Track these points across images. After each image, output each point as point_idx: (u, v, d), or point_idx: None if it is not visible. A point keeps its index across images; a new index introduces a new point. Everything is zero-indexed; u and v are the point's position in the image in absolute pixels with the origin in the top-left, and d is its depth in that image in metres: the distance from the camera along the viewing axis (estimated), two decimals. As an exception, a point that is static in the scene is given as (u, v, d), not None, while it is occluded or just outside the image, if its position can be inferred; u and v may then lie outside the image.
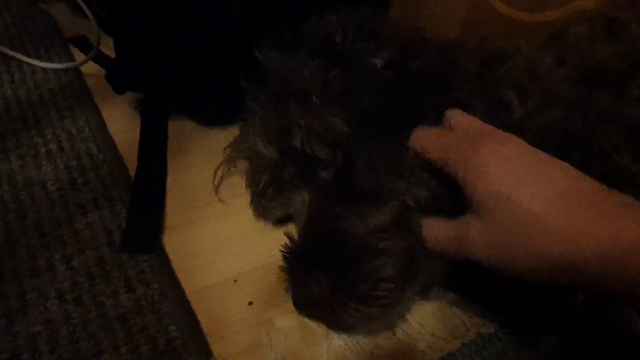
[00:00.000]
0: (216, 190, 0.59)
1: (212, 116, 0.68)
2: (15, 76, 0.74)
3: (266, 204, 0.53)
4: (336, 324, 0.46)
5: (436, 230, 0.43)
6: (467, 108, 0.46)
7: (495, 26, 0.61)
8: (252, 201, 0.56)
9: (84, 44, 0.77)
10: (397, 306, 0.47)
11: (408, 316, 0.49)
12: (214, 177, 0.59)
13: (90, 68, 0.73)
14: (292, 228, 0.54)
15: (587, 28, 0.53)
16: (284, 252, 0.47)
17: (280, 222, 0.56)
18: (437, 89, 0.47)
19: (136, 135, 0.64)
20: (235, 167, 0.60)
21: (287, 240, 0.48)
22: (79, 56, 0.76)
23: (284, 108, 0.49)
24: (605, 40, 0.51)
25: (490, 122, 0.45)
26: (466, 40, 0.54)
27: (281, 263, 0.48)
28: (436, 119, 0.45)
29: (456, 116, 0.44)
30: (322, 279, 0.43)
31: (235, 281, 0.51)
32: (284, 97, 0.49)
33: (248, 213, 0.57)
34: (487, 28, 0.60)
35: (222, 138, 0.61)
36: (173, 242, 0.54)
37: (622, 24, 0.53)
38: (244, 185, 0.58)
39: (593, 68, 0.49)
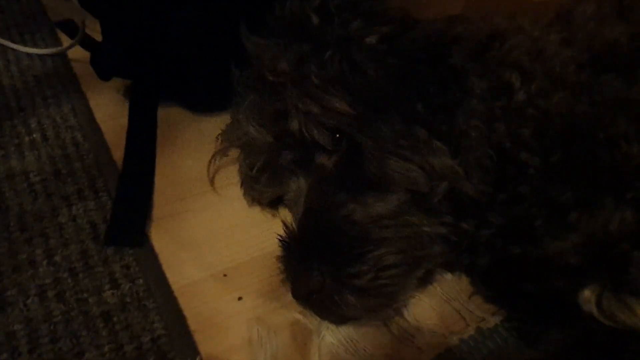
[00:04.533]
0: (212, 182, 0.57)
1: (202, 103, 0.66)
2: (-1, 63, 0.71)
3: (259, 189, 0.52)
4: (336, 315, 0.44)
5: None
6: (464, 76, 0.44)
7: (500, 4, 0.58)
8: (244, 185, 0.54)
9: (71, 28, 0.75)
10: (401, 296, 0.45)
11: (404, 311, 0.47)
12: (209, 169, 0.56)
13: (77, 53, 0.71)
14: (285, 214, 0.52)
15: (595, 7, 0.51)
16: (282, 240, 0.45)
17: (271, 204, 0.54)
18: (435, 58, 0.45)
19: (124, 122, 0.62)
20: (227, 155, 0.58)
21: (284, 229, 0.45)
22: (66, 41, 0.74)
23: (279, 90, 0.46)
24: (614, 21, 0.49)
25: (489, 105, 0.43)
26: (470, 19, 0.52)
27: (277, 253, 0.46)
28: (438, 89, 0.43)
29: None
30: (323, 269, 0.41)
31: (225, 275, 0.50)
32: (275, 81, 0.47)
33: (239, 204, 0.55)
34: (492, 6, 0.58)
35: (213, 126, 0.59)
36: (160, 235, 0.52)
37: (632, 3, 0.50)
38: (234, 174, 0.56)
39: (601, 50, 0.46)
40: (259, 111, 0.48)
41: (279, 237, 0.45)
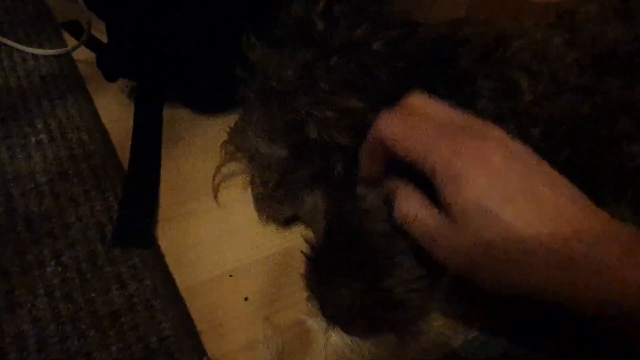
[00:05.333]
0: (216, 194, 0.56)
1: (208, 104, 0.66)
2: (5, 63, 0.72)
3: (275, 206, 0.50)
4: (368, 331, 0.43)
5: (415, 208, 0.38)
6: (472, 79, 0.43)
7: (503, 7, 0.58)
8: (259, 203, 0.52)
9: (76, 29, 0.75)
10: (431, 307, 0.44)
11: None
12: (214, 180, 0.55)
13: (83, 54, 0.71)
14: (299, 229, 0.52)
15: (598, 8, 0.51)
16: (306, 258, 0.43)
17: (287, 222, 0.53)
18: (443, 60, 0.44)
19: (130, 124, 0.62)
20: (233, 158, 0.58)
21: (307, 245, 0.44)
22: (72, 42, 0.74)
23: (290, 101, 0.45)
24: (617, 22, 0.49)
25: (499, 105, 0.43)
26: (475, 21, 0.52)
27: (282, 254, 0.46)
28: (447, 91, 0.42)
29: (421, 104, 0.38)
30: (353, 285, 0.40)
31: (231, 276, 0.50)
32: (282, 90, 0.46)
33: (244, 205, 0.55)
34: (495, 9, 0.58)
35: (219, 127, 0.58)
36: (166, 236, 0.53)
37: (636, 4, 0.50)
38: (239, 175, 0.56)
39: (603, 51, 0.46)
40: (270, 125, 0.47)
41: (302, 253, 0.44)
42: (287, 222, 0.53)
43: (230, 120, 0.57)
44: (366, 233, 0.41)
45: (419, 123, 0.36)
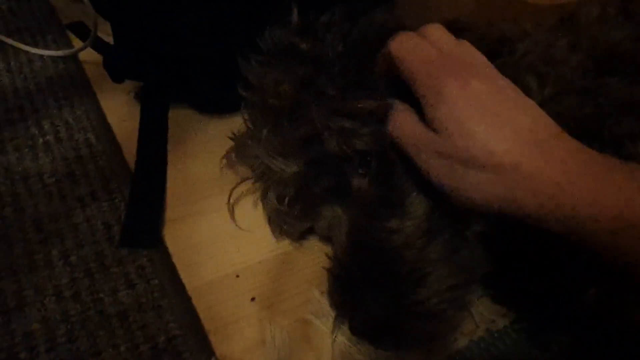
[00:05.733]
0: (232, 215, 0.54)
1: (213, 104, 0.66)
2: (12, 64, 0.72)
3: (293, 223, 0.50)
4: (399, 346, 0.43)
5: (406, 122, 0.40)
6: None
7: (504, 10, 0.58)
8: (274, 220, 0.51)
9: (81, 30, 0.75)
10: (461, 317, 0.43)
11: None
12: (229, 199, 0.54)
13: (89, 55, 0.71)
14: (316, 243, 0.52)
15: (600, 10, 0.51)
16: (332, 274, 0.43)
17: (302, 236, 0.53)
18: None
19: (136, 124, 0.62)
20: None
21: (330, 263, 0.44)
22: (77, 43, 0.74)
23: (302, 115, 0.45)
24: (618, 23, 0.49)
25: None
26: (477, 24, 0.52)
27: (290, 254, 0.46)
28: None
29: (435, 32, 0.41)
30: (383, 300, 0.39)
31: (238, 276, 0.50)
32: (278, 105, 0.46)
33: (251, 205, 0.55)
34: (497, 12, 0.58)
35: (224, 127, 0.59)
36: (174, 236, 0.53)
37: (637, 4, 0.50)
38: (246, 175, 0.56)
39: (605, 53, 0.46)
40: (282, 141, 0.46)
41: (325, 269, 0.44)
42: (302, 236, 0.52)
43: (235, 121, 0.57)
44: (394, 246, 0.41)
45: (425, 48, 0.40)
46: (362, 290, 0.40)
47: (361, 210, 0.43)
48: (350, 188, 0.45)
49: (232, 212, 0.54)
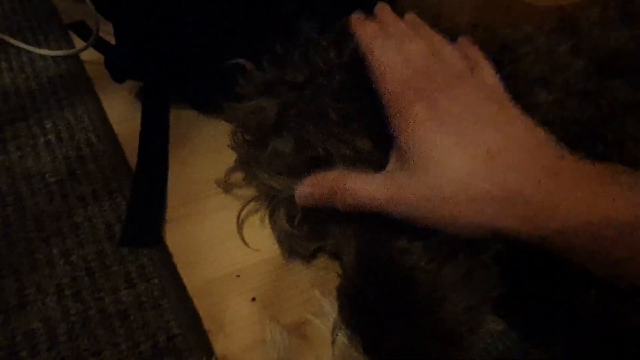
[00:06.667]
0: (242, 237, 0.53)
1: (214, 104, 0.66)
2: (13, 64, 0.72)
3: (303, 243, 0.49)
4: None
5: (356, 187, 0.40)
6: None
7: (504, 13, 0.58)
8: (284, 241, 0.51)
9: (83, 30, 0.75)
10: (479, 338, 0.42)
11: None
12: (238, 219, 0.53)
13: (90, 55, 0.72)
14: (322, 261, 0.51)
15: (600, 12, 0.51)
16: (343, 294, 0.42)
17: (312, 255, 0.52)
18: None
19: (137, 124, 0.62)
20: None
21: (340, 280, 0.43)
22: (79, 43, 0.74)
23: (304, 135, 0.45)
24: (620, 25, 0.49)
25: None
26: (477, 28, 0.52)
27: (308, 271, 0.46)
28: None
29: (384, 12, 0.42)
30: (399, 323, 0.38)
31: (238, 276, 0.50)
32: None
33: (251, 205, 0.55)
34: (499, 14, 0.58)
35: (225, 127, 0.58)
36: (174, 236, 0.53)
37: (638, 6, 0.50)
38: (247, 175, 0.56)
39: (607, 55, 0.46)
40: (286, 163, 0.46)
41: (337, 290, 0.43)
42: (312, 256, 0.51)
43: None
44: (407, 268, 0.40)
45: (398, 70, 0.40)
46: (377, 312, 0.39)
47: (369, 229, 0.43)
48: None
49: (240, 228, 0.54)
